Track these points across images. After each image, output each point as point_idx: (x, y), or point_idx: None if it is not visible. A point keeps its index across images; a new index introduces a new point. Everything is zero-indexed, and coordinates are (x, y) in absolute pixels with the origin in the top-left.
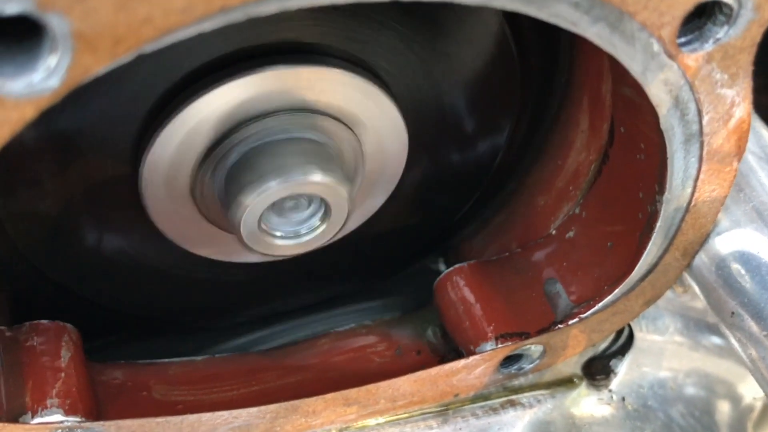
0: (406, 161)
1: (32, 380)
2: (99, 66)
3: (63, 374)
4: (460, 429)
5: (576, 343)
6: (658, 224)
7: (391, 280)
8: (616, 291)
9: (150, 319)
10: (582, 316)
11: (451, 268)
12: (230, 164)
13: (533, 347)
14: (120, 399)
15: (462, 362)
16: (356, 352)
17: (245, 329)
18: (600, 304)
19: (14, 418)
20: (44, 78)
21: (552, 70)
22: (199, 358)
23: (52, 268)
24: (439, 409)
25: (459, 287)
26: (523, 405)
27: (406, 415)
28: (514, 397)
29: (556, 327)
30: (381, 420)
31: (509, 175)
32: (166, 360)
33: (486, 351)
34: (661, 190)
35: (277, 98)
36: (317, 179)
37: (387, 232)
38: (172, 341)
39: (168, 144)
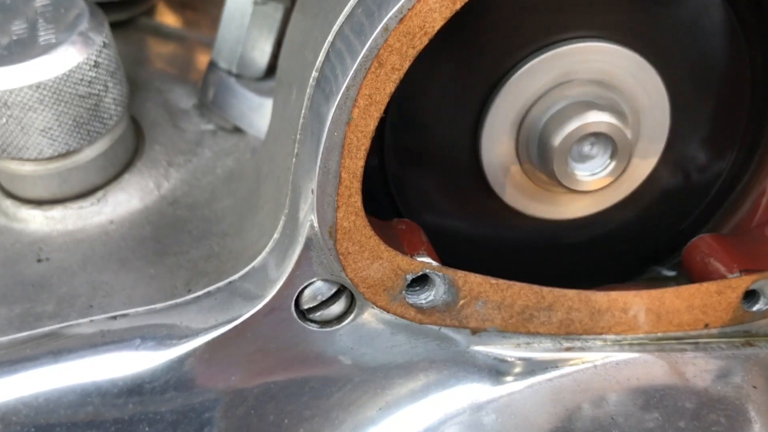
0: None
1: (406, 241)
2: None
3: (425, 243)
4: (710, 356)
5: None
6: None
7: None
8: None
9: None
10: None
11: (695, 238)
12: (542, 123)
13: None
14: None
15: (715, 284)
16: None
17: None
18: None
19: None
20: None
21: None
22: None
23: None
24: (692, 340)
25: (703, 249)
26: (759, 347)
27: (664, 341)
28: (751, 339)
29: None
30: (644, 339)
31: (731, 187)
32: None
33: (733, 278)
34: None
35: (575, 69)
36: (609, 120)
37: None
38: None
39: (498, 114)
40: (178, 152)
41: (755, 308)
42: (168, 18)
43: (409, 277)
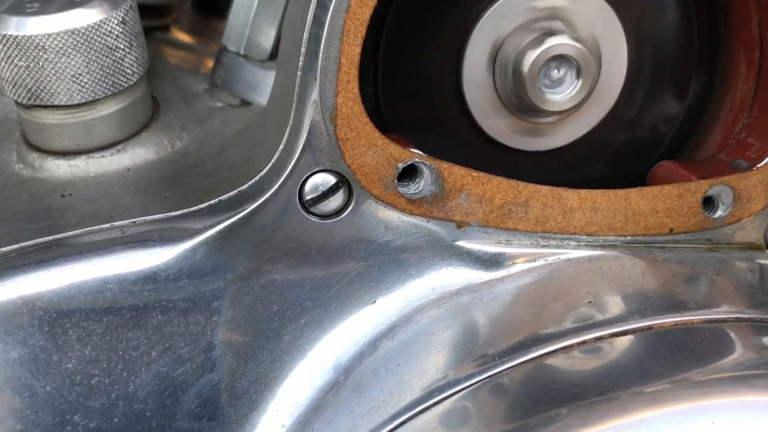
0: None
1: (398, 142)
2: None
3: (413, 146)
4: (676, 255)
5: (757, 196)
6: None
7: None
8: None
9: None
10: (759, 165)
11: (656, 165)
12: (513, 53)
13: (725, 190)
14: None
15: (675, 187)
16: None
17: None
18: None
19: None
20: None
21: (716, 38)
22: None
23: None
24: (659, 245)
25: (663, 173)
26: (722, 253)
27: (633, 244)
28: (714, 246)
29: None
30: (614, 241)
31: (689, 132)
32: None
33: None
34: None
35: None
36: (571, 43)
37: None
38: None
39: (475, 49)
40: (191, 121)
41: (716, 215)
42: (180, 36)
43: (401, 166)
